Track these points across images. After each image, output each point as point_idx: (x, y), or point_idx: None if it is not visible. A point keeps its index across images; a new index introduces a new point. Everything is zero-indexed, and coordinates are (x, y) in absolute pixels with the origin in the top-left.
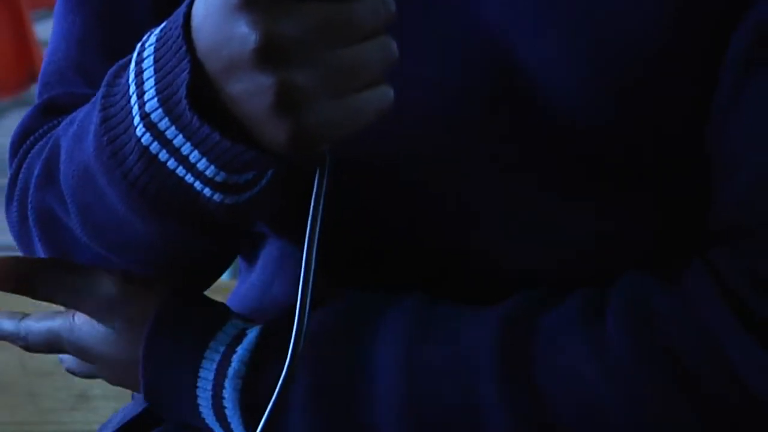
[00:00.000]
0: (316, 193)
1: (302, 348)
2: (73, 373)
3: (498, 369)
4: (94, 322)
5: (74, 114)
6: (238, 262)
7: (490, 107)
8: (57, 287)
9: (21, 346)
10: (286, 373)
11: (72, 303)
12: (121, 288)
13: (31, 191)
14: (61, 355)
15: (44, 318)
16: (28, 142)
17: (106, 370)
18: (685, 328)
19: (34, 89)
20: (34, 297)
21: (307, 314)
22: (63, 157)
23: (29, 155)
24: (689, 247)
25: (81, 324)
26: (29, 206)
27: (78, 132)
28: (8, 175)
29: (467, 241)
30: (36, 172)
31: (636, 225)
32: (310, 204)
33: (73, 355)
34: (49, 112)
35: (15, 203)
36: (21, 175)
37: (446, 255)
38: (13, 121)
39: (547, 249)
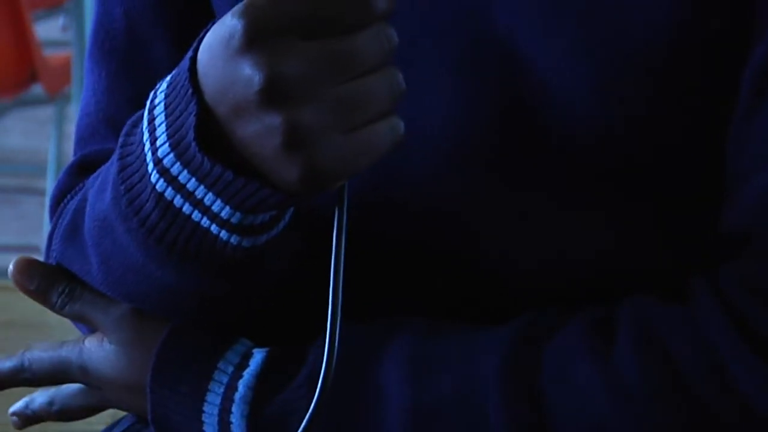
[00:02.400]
0: (337, 229)
1: (331, 381)
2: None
3: (505, 403)
4: (104, 344)
5: (102, 167)
6: None
7: (501, 118)
8: (73, 298)
9: (24, 379)
10: (314, 408)
11: (84, 315)
12: (134, 309)
13: (55, 242)
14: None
15: (50, 347)
16: (64, 201)
17: (112, 393)
18: (693, 352)
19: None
20: (49, 304)
21: (336, 347)
22: (87, 209)
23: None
24: (696, 261)
25: (90, 346)
26: (52, 257)
27: (101, 183)
28: (47, 236)
29: (476, 257)
30: (63, 223)
31: (644, 239)
32: (331, 241)
33: (79, 380)
34: (83, 171)
35: (52, 261)
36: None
37: (455, 271)
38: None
39: (556, 262)
